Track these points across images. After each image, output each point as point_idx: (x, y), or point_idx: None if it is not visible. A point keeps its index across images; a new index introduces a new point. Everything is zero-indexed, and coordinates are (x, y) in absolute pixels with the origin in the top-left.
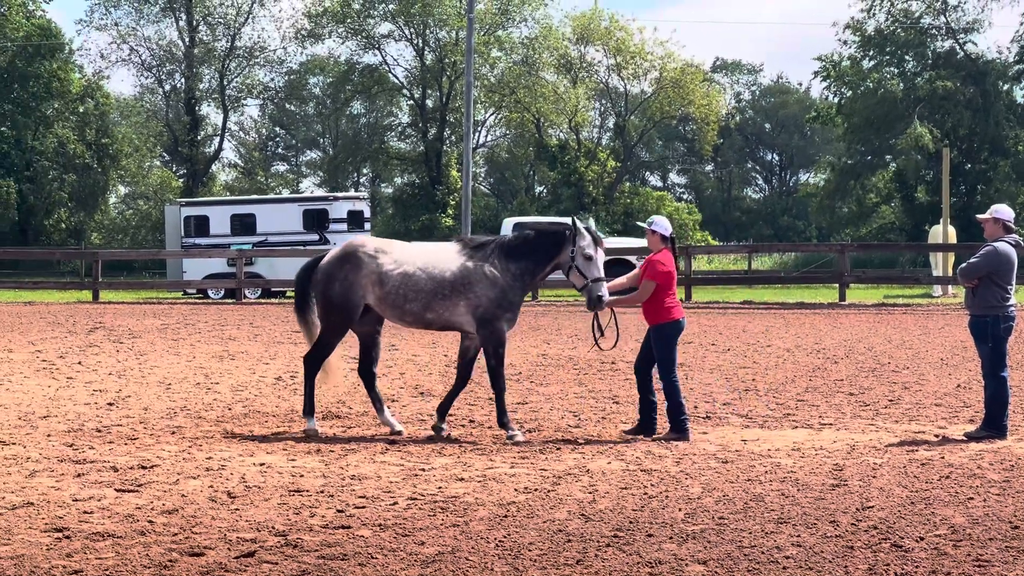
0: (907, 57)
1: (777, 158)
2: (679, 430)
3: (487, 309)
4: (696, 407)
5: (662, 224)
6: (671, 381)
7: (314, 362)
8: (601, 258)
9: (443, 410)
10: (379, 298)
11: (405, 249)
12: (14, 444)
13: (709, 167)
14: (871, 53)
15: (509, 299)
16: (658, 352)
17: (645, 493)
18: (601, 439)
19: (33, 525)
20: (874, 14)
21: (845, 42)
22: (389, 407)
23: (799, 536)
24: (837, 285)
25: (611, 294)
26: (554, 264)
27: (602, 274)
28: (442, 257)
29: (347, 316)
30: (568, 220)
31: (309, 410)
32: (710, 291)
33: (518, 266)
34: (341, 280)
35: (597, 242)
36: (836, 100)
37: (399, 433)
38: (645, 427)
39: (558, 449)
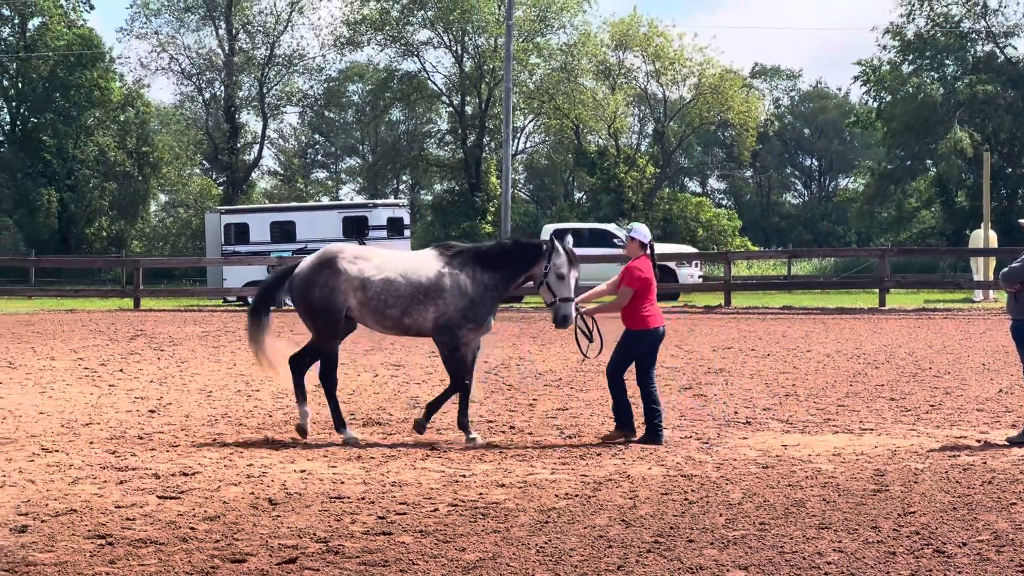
0: (947, 61)
1: (816, 163)
2: (654, 436)
3: (451, 317)
4: (736, 412)
5: (641, 231)
6: (619, 381)
7: (328, 376)
8: (574, 278)
9: (463, 422)
10: (361, 303)
11: (384, 256)
12: (57, 451)
13: (748, 172)
14: (911, 57)
15: (475, 310)
16: (620, 352)
17: (686, 499)
18: (642, 445)
19: (76, 532)
20: (914, 19)
21: (885, 47)
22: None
23: (840, 542)
24: (877, 290)
25: (590, 301)
26: (527, 276)
27: (572, 294)
28: (420, 264)
29: (333, 320)
30: (611, 226)
31: (339, 423)
32: (749, 296)
33: (492, 276)
34: (321, 286)
35: (572, 262)
36: (876, 105)
37: (303, 432)
38: (624, 428)
39: (598, 455)
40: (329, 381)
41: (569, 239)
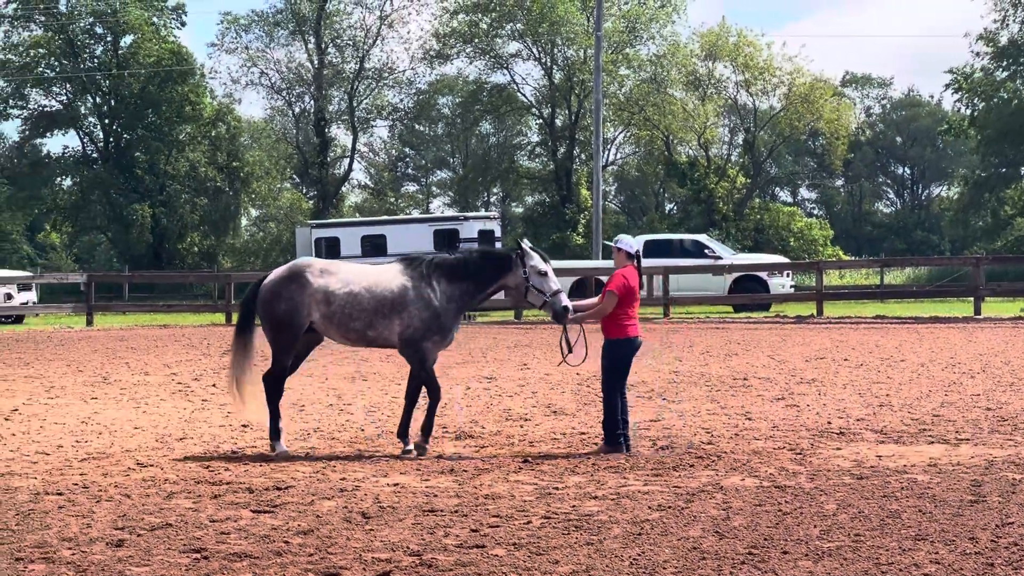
0: None
1: (908, 171)
2: (613, 444)
3: (416, 329)
4: (830, 423)
5: (627, 242)
6: (612, 397)
7: (274, 382)
8: (552, 272)
9: (403, 432)
10: (324, 316)
11: (351, 269)
12: (152, 466)
13: (839, 182)
14: (1004, 64)
15: (440, 322)
16: (606, 364)
17: (779, 510)
18: (734, 456)
19: (172, 546)
20: (1007, 24)
21: (978, 53)
22: (523, 423)
23: (937, 553)
24: (972, 298)
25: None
26: (499, 286)
27: (559, 286)
28: (385, 276)
29: (293, 334)
30: (703, 236)
31: (275, 433)
32: (842, 306)
33: (458, 287)
34: (287, 299)
35: (545, 259)
36: (969, 112)
37: (277, 451)
38: (612, 443)
39: (691, 466)
40: (273, 387)
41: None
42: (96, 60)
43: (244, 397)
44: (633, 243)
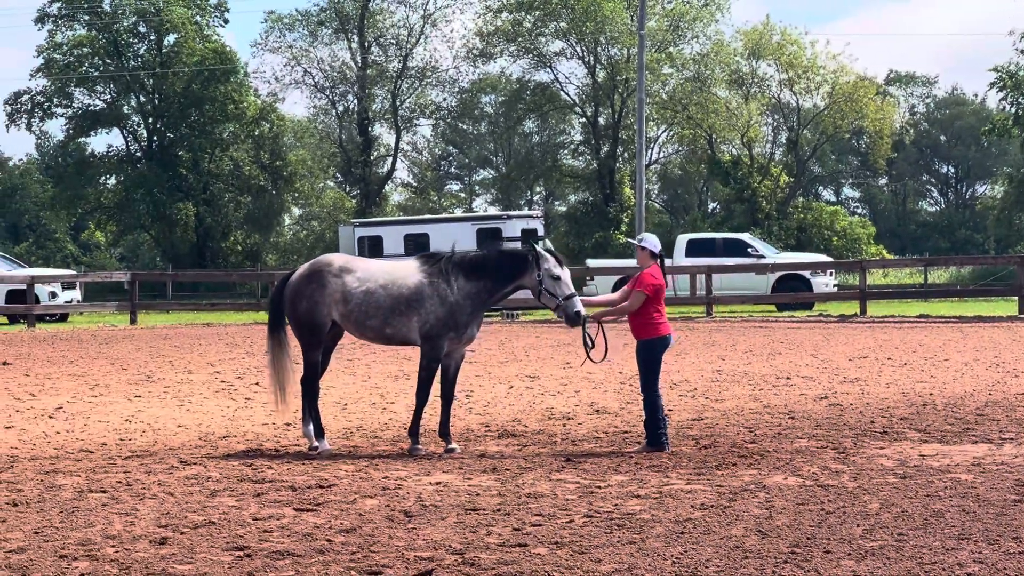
0: None
1: (953, 170)
2: (656, 443)
3: (432, 326)
4: (873, 422)
5: (651, 241)
6: (653, 396)
7: (310, 383)
8: (567, 275)
9: (444, 431)
10: (343, 315)
11: (369, 266)
12: (195, 464)
13: (883, 180)
14: None
15: (455, 319)
16: (642, 366)
17: (822, 509)
18: (777, 455)
19: (215, 544)
20: None
21: (1022, 51)
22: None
23: (981, 552)
24: (1016, 298)
25: (601, 307)
26: (515, 285)
27: (572, 290)
28: (402, 274)
29: (316, 332)
30: (745, 235)
31: (319, 432)
32: (885, 305)
33: (475, 285)
34: (308, 298)
35: (560, 261)
36: (1013, 111)
37: (315, 449)
38: (654, 444)
39: (734, 465)
40: (310, 389)
41: (548, 243)
42: (140, 59)
43: (286, 396)
44: (658, 242)
